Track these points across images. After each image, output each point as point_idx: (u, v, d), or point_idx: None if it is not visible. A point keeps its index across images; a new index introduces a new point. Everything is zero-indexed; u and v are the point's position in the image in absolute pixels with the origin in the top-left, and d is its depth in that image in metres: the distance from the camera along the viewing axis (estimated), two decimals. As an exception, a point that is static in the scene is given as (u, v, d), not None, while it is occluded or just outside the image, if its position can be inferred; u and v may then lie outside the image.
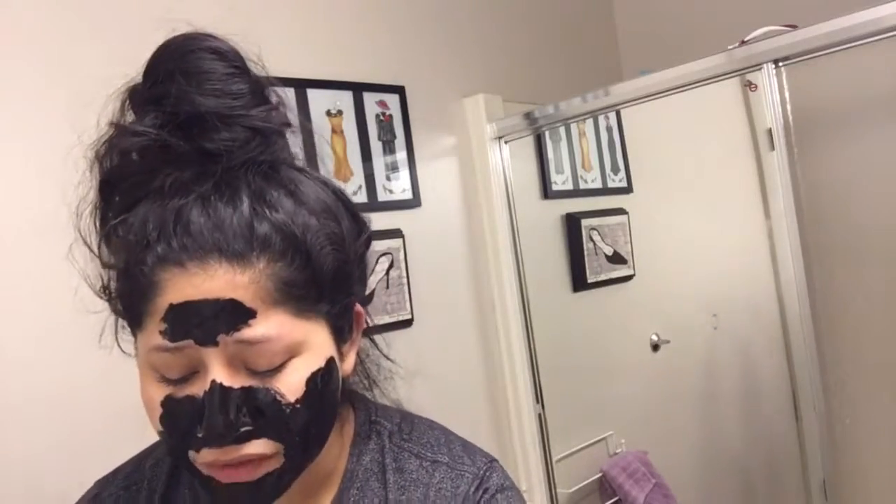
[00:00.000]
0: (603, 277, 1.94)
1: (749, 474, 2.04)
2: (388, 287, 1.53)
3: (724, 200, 1.99)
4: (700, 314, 2.04)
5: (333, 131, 1.50)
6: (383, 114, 1.59)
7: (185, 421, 0.53)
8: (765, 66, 1.38)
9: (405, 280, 1.56)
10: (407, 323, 1.56)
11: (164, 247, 0.53)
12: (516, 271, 1.76)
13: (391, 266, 1.54)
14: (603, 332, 1.97)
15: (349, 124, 1.52)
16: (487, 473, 0.66)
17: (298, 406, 0.55)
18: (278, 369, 0.55)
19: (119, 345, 0.64)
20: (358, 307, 0.63)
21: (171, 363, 0.53)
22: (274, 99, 0.64)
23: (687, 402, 2.06)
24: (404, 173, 1.61)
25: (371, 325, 0.68)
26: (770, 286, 1.84)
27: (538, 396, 1.76)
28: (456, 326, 1.69)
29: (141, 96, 0.59)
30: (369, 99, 1.56)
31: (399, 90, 1.62)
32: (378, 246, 1.52)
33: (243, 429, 0.53)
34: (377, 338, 0.72)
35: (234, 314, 0.53)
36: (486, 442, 1.71)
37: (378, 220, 1.56)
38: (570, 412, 1.84)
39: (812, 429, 1.50)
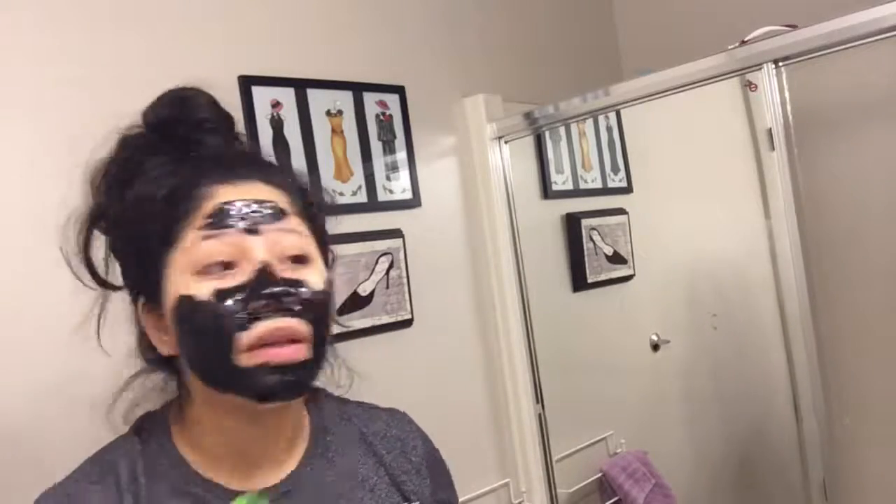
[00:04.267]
0: (603, 277, 1.94)
1: (749, 474, 2.03)
2: (388, 287, 1.53)
3: (724, 200, 1.99)
4: (700, 314, 2.04)
5: (333, 131, 1.50)
6: (383, 114, 1.59)
7: (237, 303, 0.64)
8: (765, 66, 1.38)
9: (405, 280, 1.56)
10: (407, 323, 1.56)
11: (215, 172, 0.69)
12: (516, 271, 1.76)
13: (391, 266, 1.54)
14: (603, 332, 1.97)
15: (349, 124, 1.52)
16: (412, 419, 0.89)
17: (321, 296, 0.69)
18: (304, 264, 0.69)
19: (99, 340, 0.76)
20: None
21: (217, 248, 0.65)
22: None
23: (687, 402, 2.06)
24: (404, 173, 1.61)
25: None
26: (770, 286, 1.84)
27: (538, 396, 1.76)
28: (456, 326, 1.68)
29: (149, 118, 0.75)
30: (369, 99, 1.56)
31: (399, 90, 1.62)
32: (378, 246, 1.52)
33: (288, 297, 0.65)
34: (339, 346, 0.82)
35: (274, 211, 0.68)
36: (486, 442, 1.72)
37: (378, 220, 1.57)
38: (570, 412, 1.84)
39: (812, 429, 1.50)
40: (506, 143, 1.77)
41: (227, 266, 0.65)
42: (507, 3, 1.95)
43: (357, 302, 1.47)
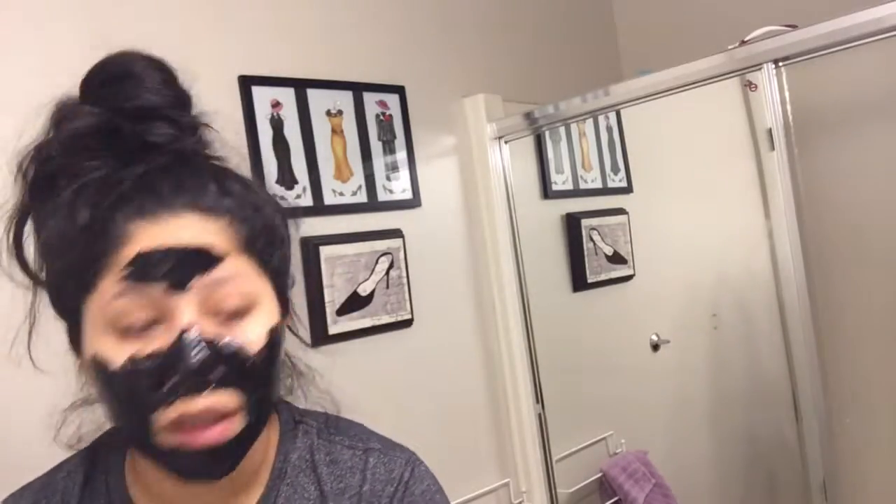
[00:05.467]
0: (603, 277, 1.94)
1: (749, 474, 2.03)
2: (388, 287, 1.53)
3: (724, 200, 1.99)
4: (700, 314, 2.04)
5: (333, 131, 1.50)
6: (383, 114, 1.59)
7: (152, 377, 0.54)
8: (765, 66, 1.38)
9: (405, 280, 1.56)
10: (407, 323, 1.56)
11: (136, 202, 0.56)
12: (516, 271, 1.76)
13: (391, 266, 1.54)
14: (603, 332, 1.97)
15: (349, 124, 1.52)
16: (417, 460, 0.70)
17: (261, 356, 0.58)
18: (242, 316, 0.58)
19: (30, 357, 0.64)
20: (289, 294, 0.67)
21: (135, 309, 0.55)
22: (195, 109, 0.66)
23: (687, 402, 2.06)
24: (404, 173, 1.61)
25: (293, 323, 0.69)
26: (770, 286, 1.84)
27: (538, 396, 1.76)
28: (456, 326, 1.69)
29: (85, 96, 0.61)
30: (369, 99, 1.56)
31: (399, 90, 1.62)
32: (378, 246, 1.52)
33: (214, 371, 0.55)
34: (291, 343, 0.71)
35: (208, 258, 0.56)
36: (486, 442, 1.72)
37: (378, 220, 1.57)
38: (570, 412, 1.84)
39: (812, 429, 1.50)
40: (506, 143, 1.77)
41: (148, 324, 0.55)
42: (507, 3, 1.95)
43: (357, 302, 1.47)
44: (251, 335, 0.58)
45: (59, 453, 0.69)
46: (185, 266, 0.56)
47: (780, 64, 1.37)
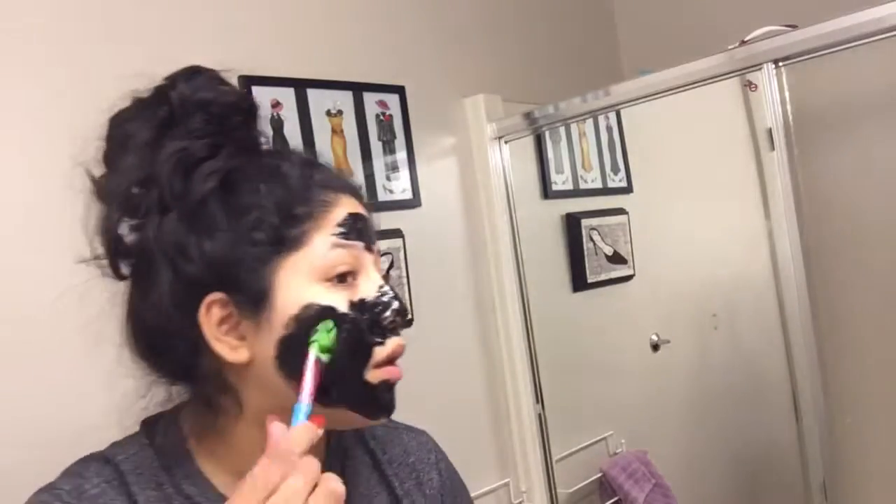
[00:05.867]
0: (603, 277, 1.94)
1: (749, 474, 2.03)
2: (388, 287, 1.53)
3: (724, 201, 1.99)
4: (700, 314, 2.05)
5: (333, 131, 1.50)
6: (383, 114, 1.59)
7: (374, 316, 0.64)
8: (765, 66, 1.38)
9: (405, 280, 1.56)
10: (406, 323, 1.55)
11: (331, 178, 0.69)
12: (516, 271, 1.76)
13: (391, 266, 1.54)
14: (603, 332, 1.97)
15: (349, 124, 1.52)
16: (434, 440, 0.84)
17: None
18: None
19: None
20: None
21: (346, 260, 0.64)
22: None
23: (687, 403, 2.06)
24: (404, 173, 1.61)
25: None
26: (770, 286, 1.84)
27: (538, 396, 1.76)
28: (456, 326, 1.68)
29: (185, 94, 0.67)
30: (369, 99, 1.56)
31: (399, 90, 1.62)
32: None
33: (405, 318, 0.67)
34: None
35: (375, 230, 0.69)
36: (486, 442, 1.72)
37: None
38: (570, 412, 1.84)
39: (812, 429, 1.50)
40: (506, 143, 1.77)
41: (344, 279, 0.64)
42: (507, 3, 1.95)
43: (357, 302, 1.47)
44: None
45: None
46: (370, 232, 0.68)
47: (780, 64, 1.37)
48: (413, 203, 1.62)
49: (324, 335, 0.62)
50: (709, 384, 2.07)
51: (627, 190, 2.07)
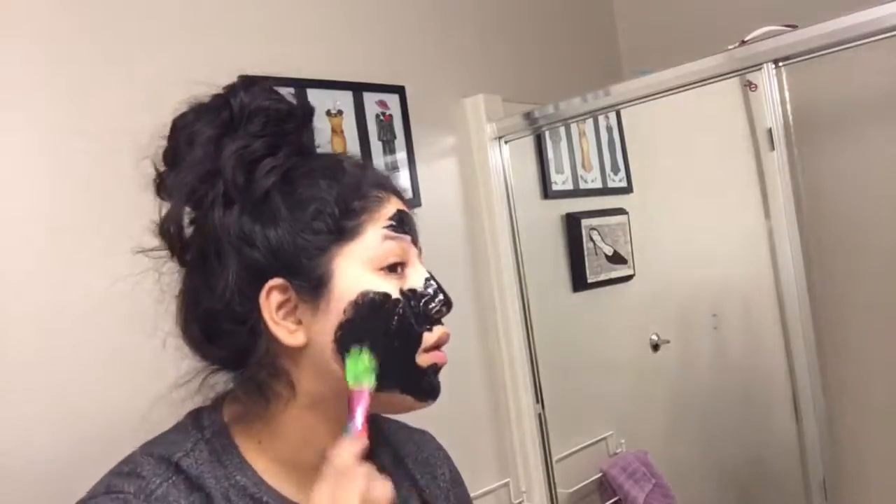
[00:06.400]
0: (603, 277, 1.94)
1: (749, 474, 2.03)
2: (388, 287, 1.53)
3: (724, 200, 1.99)
4: (700, 314, 2.04)
5: (333, 131, 1.49)
6: (383, 114, 1.59)
7: (424, 304, 0.71)
8: (765, 66, 1.37)
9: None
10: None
11: (381, 178, 0.75)
12: (516, 271, 1.76)
13: (391, 266, 1.54)
14: (603, 332, 1.97)
15: (349, 124, 1.52)
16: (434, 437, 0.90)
17: None
18: None
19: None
20: None
21: (397, 252, 0.70)
22: None
23: (687, 402, 2.06)
24: (404, 173, 1.61)
25: None
26: (770, 286, 1.84)
27: (538, 396, 1.76)
28: (456, 326, 1.67)
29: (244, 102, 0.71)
30: (369, 99, 1.56)
31: (399, 90, 1.62)
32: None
33: (450, 308, 0.74)
34: None
35: (417, 228, 0.75)
36: (486, 442, 1.72)
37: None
38: (570, 412, 1.84)
39: (812, 429, 1.50)
40: (506, 143, 1.77)
41: (394, 269, 0.69)
42: (507, 4, 1.94)
43: (357, 302, 1.47)
44: None
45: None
46: (416, 229, 0.74)
47: (780, 64, 1.37)
48: (413, 203, 1.60)
49: (353, 364, 0.66)
50: (709, 384, 2.07)
51: (627, 190, 2.07)
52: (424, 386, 0.72)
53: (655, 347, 2.00)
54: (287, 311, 0.67)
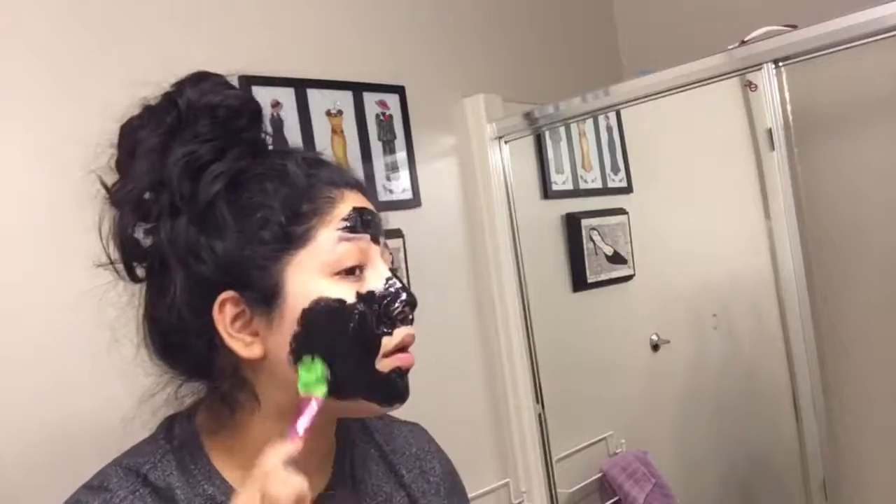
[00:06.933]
0: (603, 277, 1.94)
1: (749, 474, 2.03)
2: (388, 287, 1.53)
3: (724, 200, 1.99)
4: (700, 314, 2.04)
5: (333, 131, 1.49)
6: (383, 114, 1.59)
7: (382, 307, 0.66)
8: (765, 66, 1.37)
9: (405, 280, 1.56)
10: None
11: (335, 175, 0.70)
12: (516, 271, 1.76)
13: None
14: (603, 332, 1.97)
15: (349, 124, 1.52)
16: (427, 431, 0.88)
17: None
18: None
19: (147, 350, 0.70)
20: None
21: (353, 254, 0.66)
22: None
23: (687, 403, 2.06)
24: (404, 173, 1.61)
25: None
26: (770, 286, 1.84)
27: (538, 396, 1.76)
28: (456, 326, 1.68)
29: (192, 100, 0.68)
30: (369, 99, 1.56)
31: (399, 90, 1.62)
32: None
33: (414, 309, 0.69)
34: None
35: (383, 222, 0.71)
36: (486, 442, 1.72)
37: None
38: (570, 412, 1.84)
39: (812, 429, 1.50)
40: (506, 143, 1.77)
41: (352, 272, 0.66)
42: (506, 4, 1.94)
43: (357, 302, 1.47)
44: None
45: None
46: (377, 224, 0.69)
47: (780, 64, 1.37)
48: (413, 203, 1.62)
49: (305, 373, 0.63)
50: (709, 384, 2.07)
51: (627, 190, 2.07)
52: (387, 392, 0.67)
53: (655, 347, 2.00)
54: (243, 324, 0.66)
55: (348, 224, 0.66)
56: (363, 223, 0.67)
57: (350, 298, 0.65)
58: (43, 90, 1.12)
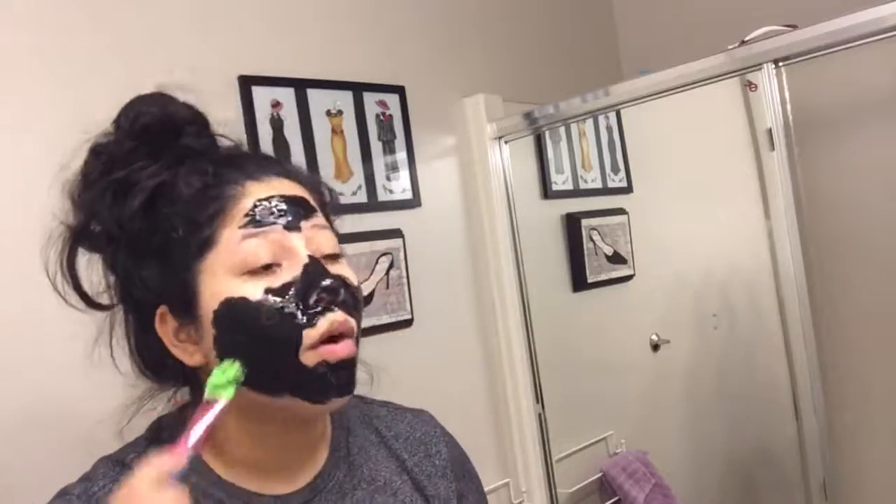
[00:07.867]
0: (603, 277, 1.94)
1: (749, 474, 2.03)
2: (387, 287, 1.53)
3: (724, 200, 1.99)
4: (700, 314, 2.04)
5: (333, 131, 1.50)
6: (383, 114, 1.59)
7: (293, 300, 0.63)
8: (765, 66, 1.38)
9: (405, 280, 1.56)
10: (407, 323, 1.56)
11: (237, 170, 0.67)
12: (516, 271, 1.76)
13: (391, 266, 1.54)
14: (603, 332, 1.97)
15: (349, 124, 1.52)
16: (435, 417, 0.87)
17: (360, 290, 0.68)
18: (336, 260, 0.68)
19: (114, 360, 0.74)
20: None
21: (260, 249, 0.64)
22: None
23: (687, 403, 2.06)
24: (404, 173, 1.61)
25: None
26: (770, 286, 1.84)
27: (538, 396, 1.76)
28: (456, 326, 1.68)
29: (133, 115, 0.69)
30: (369, 99, 1.56)
31: (399, 90, 1.62)
32: (378, 246, 1.52)
33: (343, 290, 0.64)
34: None
35: (307, 205, 0.68)
36: (486, 442, 1.72)
37: (378, 220, 1.57)
38: (570, 412, 1.84)
39: (812, 429, 1.50)
40: (506, 143, 1.77)
41: (269, 266, 0.64)
42: (506, 3, 1.95)
43: (357, 302, 1.47)
44: (349, 274, 0.67)
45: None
46: (294, 210, 0.66)
47: (780, 64, 1.37)
48: (413, 203, 1.62)
49: (217, 376, 0.63)
50: (709, 384, 2.07)
51: (627, 190, 2.07)
52: (315, 387, 0.65)
53: (655, 347, 2.00)
54: (186, 335, 0.68)
55: (249, 218, 0.64)
56: (273, 213, 0.64)
57: (256, 295, 0.63)
58: (43, 90, 1.12)
